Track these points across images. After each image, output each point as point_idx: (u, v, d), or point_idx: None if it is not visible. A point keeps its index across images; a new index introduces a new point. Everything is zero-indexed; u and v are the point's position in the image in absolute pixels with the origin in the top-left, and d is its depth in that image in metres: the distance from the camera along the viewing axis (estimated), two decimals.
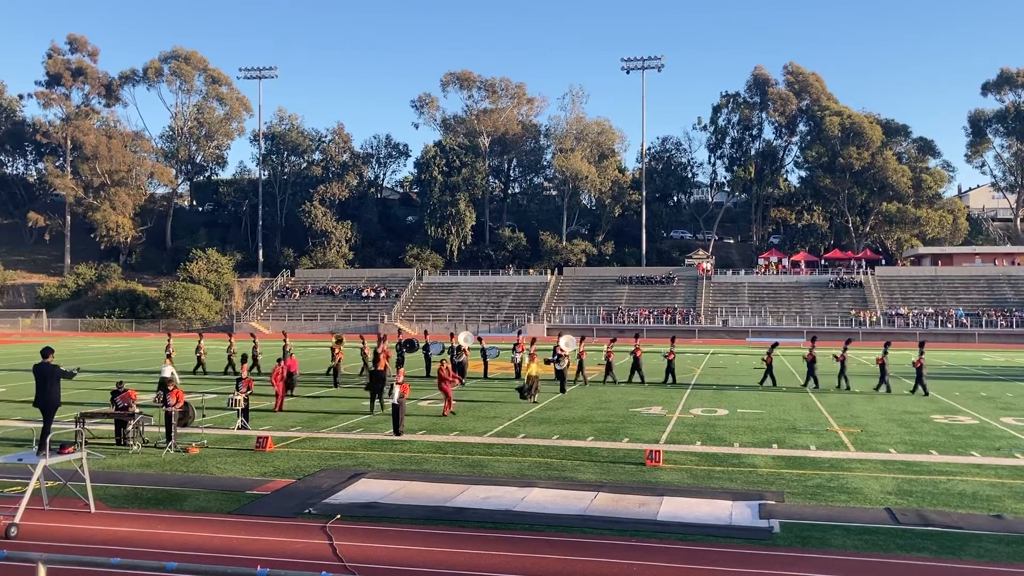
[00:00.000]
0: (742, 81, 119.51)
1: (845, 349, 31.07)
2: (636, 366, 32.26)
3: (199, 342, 36.95)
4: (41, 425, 13.02)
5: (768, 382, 31.52)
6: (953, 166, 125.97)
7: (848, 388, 29.95)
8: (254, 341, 36.83)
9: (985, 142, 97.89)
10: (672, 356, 32.29)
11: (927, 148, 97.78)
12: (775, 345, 33.07)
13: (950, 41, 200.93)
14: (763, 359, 32.43)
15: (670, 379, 31.94)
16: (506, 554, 10.75)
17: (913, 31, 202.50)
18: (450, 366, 25.80)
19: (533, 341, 32.01)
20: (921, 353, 29.01)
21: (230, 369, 35.50)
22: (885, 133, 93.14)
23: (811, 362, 30.65)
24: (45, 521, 12.10)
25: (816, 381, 30.52)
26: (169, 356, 35.65)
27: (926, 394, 28.44)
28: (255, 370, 34.56)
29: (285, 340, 34.89)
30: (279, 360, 26.37)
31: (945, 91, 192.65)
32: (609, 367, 32.37)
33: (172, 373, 23.63)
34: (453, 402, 23.76)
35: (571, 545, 11.12)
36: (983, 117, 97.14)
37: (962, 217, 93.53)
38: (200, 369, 35.80)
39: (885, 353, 29.84)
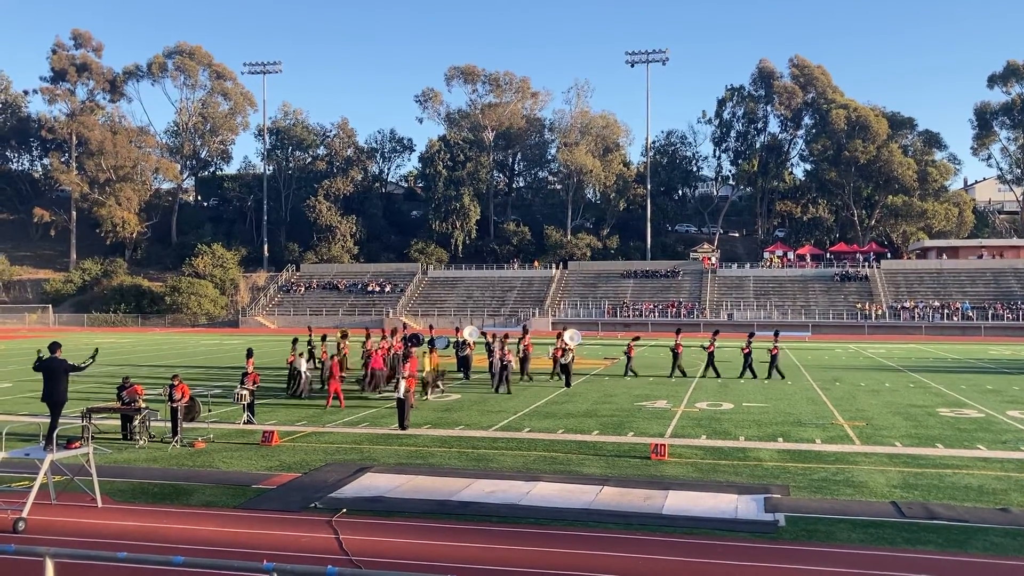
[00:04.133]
0: (747, 74, 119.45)
1: (775, 342, 32.30)
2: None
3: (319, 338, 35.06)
4: (48, 420, 13.06)
5: (630, 374, 32.45)
6: (959, 159, 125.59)
7: (777, 378, 31.10)
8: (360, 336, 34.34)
9: (991, 135, 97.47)
10: (560, 353, 31.75)
11: (933, 141, 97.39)
12: (636, 339, 34.37)
13: (956, 33, 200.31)
14: (624, 351, 33.35)
15: (558, 372, 31.17)
16: (511, 548, 10.77)
17: (919, 23, 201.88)
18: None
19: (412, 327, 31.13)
20: (775, 342, 31.89)
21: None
22: (891, 126, 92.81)
23: (677, 354, 32.67)
24: (52, 515, 12.16)
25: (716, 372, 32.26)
26: (312, 352, 31.57)
27: (783, 377, 31.02)
28: (312, 364, 31.14)
29: (368, 336, 31.38)
30: (332, 356, 25.92)
31: (951, 84, 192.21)
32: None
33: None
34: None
35: (576, 539, 11.13)
36: (989, 110, 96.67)
37: (968, 210, 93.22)
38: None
39: (749, 343, 32.14)
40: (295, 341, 28.77)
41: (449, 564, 10.00)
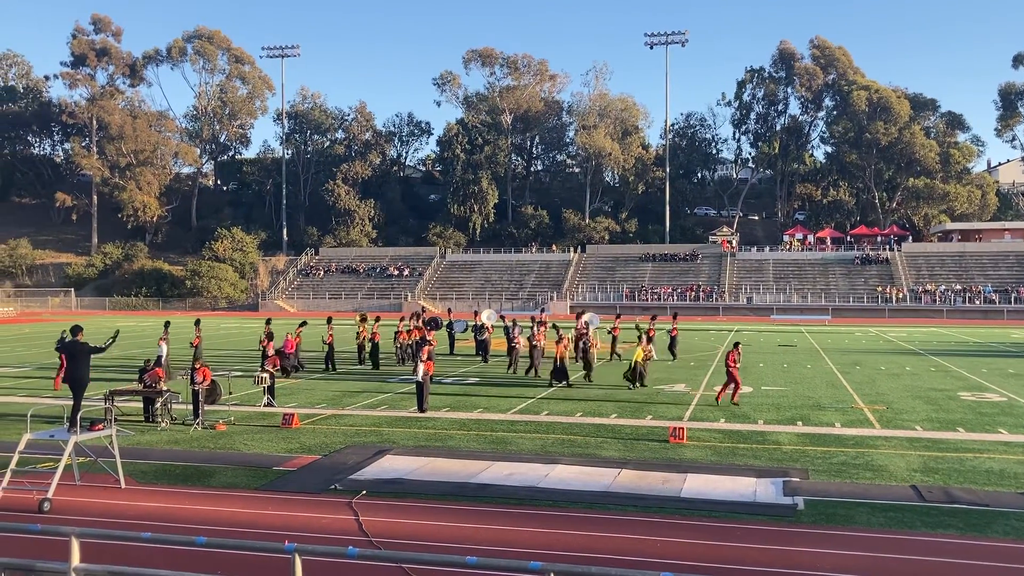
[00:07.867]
0: (767, 56, 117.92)
1: (674, 322, 33.96)
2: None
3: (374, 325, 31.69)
4: (71, 402, 13.22)
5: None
6: (982, 140, 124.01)
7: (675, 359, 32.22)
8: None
9: (1016, 116, 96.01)
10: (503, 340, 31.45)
11: (956, 122, 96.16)
12: (654, 317, 34.55)
13: (980, 13, 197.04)
14: (668, 332, 34.13)
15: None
16: (530, 530, 10.83)
17: (942, 3, 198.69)
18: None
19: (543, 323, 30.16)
20: (674, 324, 33.80)
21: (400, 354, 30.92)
22: (913, 107, 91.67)
23: (674, 338, 33.45)
24: (77, 496, 12.34)
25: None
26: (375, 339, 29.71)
27: (675, 358, 32.13)
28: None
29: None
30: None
31: (975, 64, 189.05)
32: (614, 342, 32.56)
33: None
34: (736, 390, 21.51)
35: (595, 521, 11.17)
36: (1014, 90, 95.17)
37: (991, 192, 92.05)
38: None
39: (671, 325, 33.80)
40: (167, 324, 29.39)
41: (468, 546, 10.06)
